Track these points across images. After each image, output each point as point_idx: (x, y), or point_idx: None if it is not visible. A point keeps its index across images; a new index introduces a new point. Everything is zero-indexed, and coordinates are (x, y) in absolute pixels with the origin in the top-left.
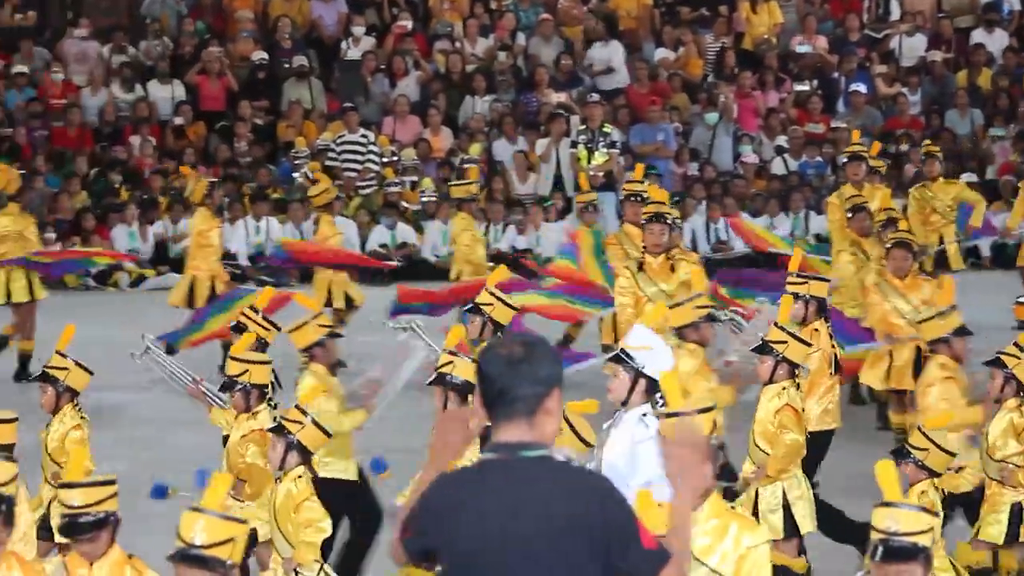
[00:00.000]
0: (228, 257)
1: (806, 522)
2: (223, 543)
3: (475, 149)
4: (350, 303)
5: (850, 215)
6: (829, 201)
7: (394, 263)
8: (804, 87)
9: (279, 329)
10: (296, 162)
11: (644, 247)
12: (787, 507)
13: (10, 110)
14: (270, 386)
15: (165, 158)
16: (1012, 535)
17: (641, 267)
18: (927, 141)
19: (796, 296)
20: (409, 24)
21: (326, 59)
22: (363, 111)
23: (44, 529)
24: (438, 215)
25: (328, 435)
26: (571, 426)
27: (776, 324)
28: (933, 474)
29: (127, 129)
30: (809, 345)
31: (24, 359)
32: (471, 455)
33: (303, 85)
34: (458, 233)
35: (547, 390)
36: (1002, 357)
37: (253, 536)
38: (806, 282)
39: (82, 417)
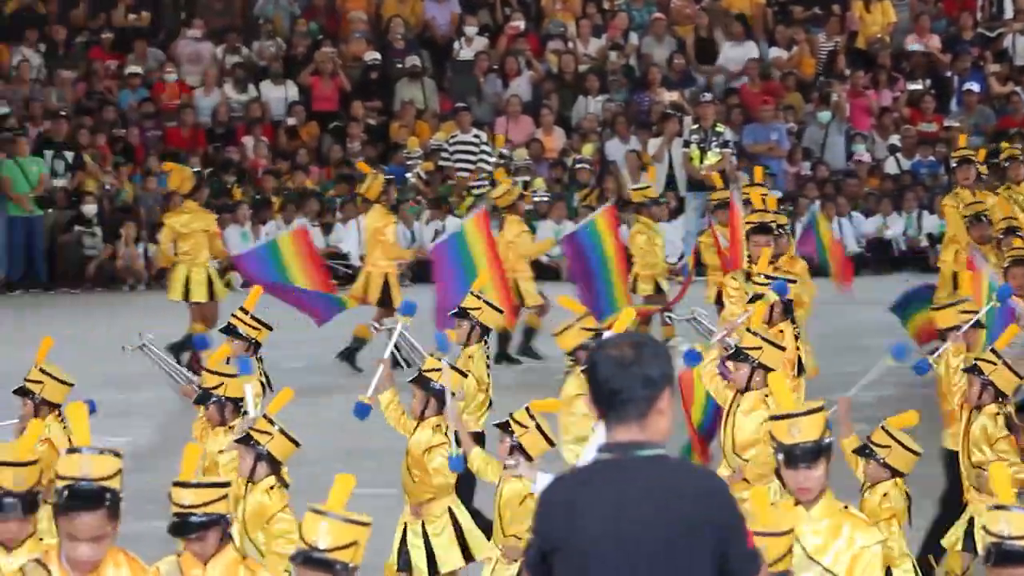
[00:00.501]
0: (340, 257)
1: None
2: (346, 546)
3: (587, 149)
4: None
5: (970, 223)
6: (944, 203)
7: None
8: (917, 86)
9: (271, 329)
10: (408, 162)
11: (749, 257)
12: None
13: (124, 110)
14: (262, 387)
15: (278, 159)
16: (971, 545)
17: (748, 276)
18: (1004, 143)
19: (760, 297)
20: (522, 24)
21: (439, 59)
22: (476, 111)
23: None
24: (550, 215)
25: (297, 444)
26: (537, 425)
27: (749, 329)
28: (896, 473)
29: (240, 129)
30: (783, 349)
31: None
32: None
33: (416, 85)
34: (634, 235)
35: (659, 391)
36: (979, 364)
37: None
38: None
39: (65, 430)
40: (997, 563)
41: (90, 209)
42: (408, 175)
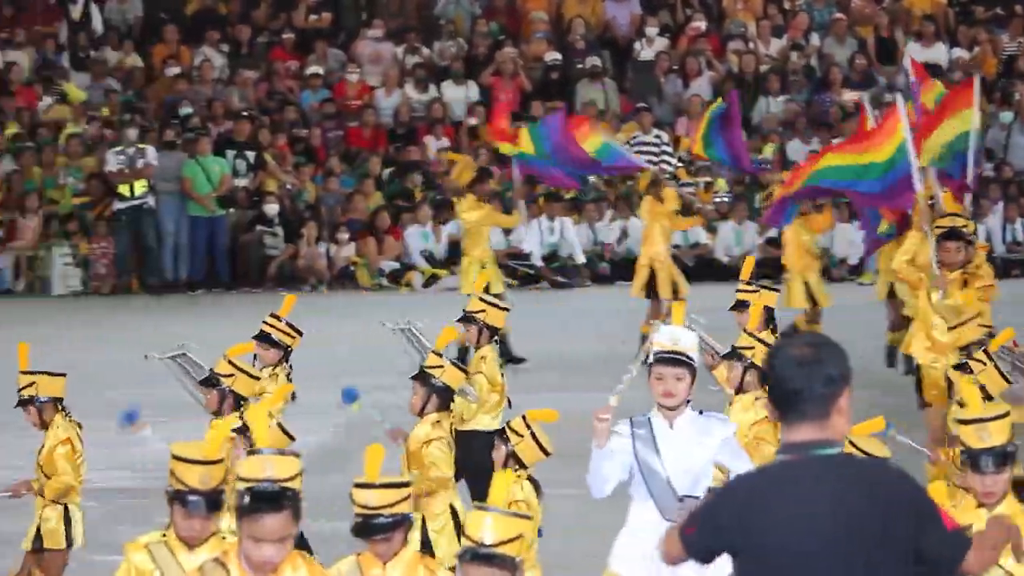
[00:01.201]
0: (522, 257)
1: None
2: (512, 540)
3: (768, 149)
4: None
5: None
6: None
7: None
8: None
9: (301, 334)
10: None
11: (939, 261)
12: None
13: (305, 111)
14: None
15: None
16: None
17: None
18: None
19: (748, 305)
20: (703, 24)
21: (619, 60)
22: (656, 111)
23: (35, 539)
24: (731, 216)
25: (292, 438)
26: (532, 434)
27: (745, 330)
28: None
29: (421, 129)
30: None
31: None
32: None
33: (596, 86)
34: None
35: (839, 389)
36: (969, 363)
37: None
38: (757, 291)
39: (72, 422)
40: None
41: (271, 209)
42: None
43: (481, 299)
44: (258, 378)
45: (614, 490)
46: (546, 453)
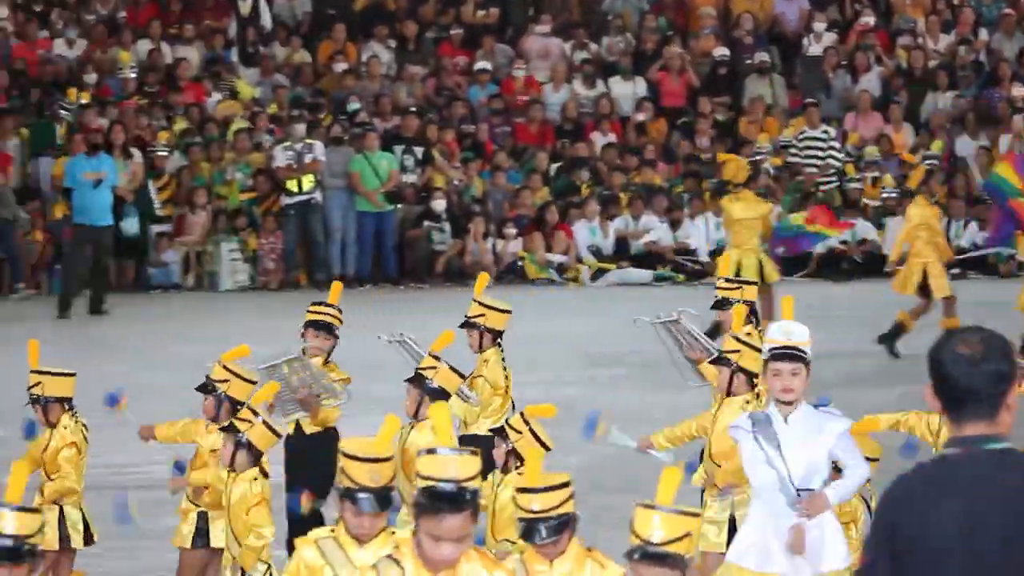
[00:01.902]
0: (688, 253)
1: None
2: (680, 538)
3: (937, 145)
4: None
5: None
6: None
7: None
8: None
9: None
10: (757, 158)
11: None
12: (732, 521)
13: (473, 106)
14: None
15: (626, 154)
16: None
17: None
18: None
19: (729, 303)
20: (871, 20)
21: (788, 55)
22: (824, 107)
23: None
24: (899, 211)
25: (278, 435)
26: (531, 429)
27: (731, 334)
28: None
29: (588, 125)
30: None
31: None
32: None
33: (764, 81)
34: None
35: (1008, 386)
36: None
37: None
38: (739, 287)
39: (79, 423)
40: None
41: (439, 204)
42: None
43: (480, 303)
44: (254, 382)
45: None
46: (546, 448)
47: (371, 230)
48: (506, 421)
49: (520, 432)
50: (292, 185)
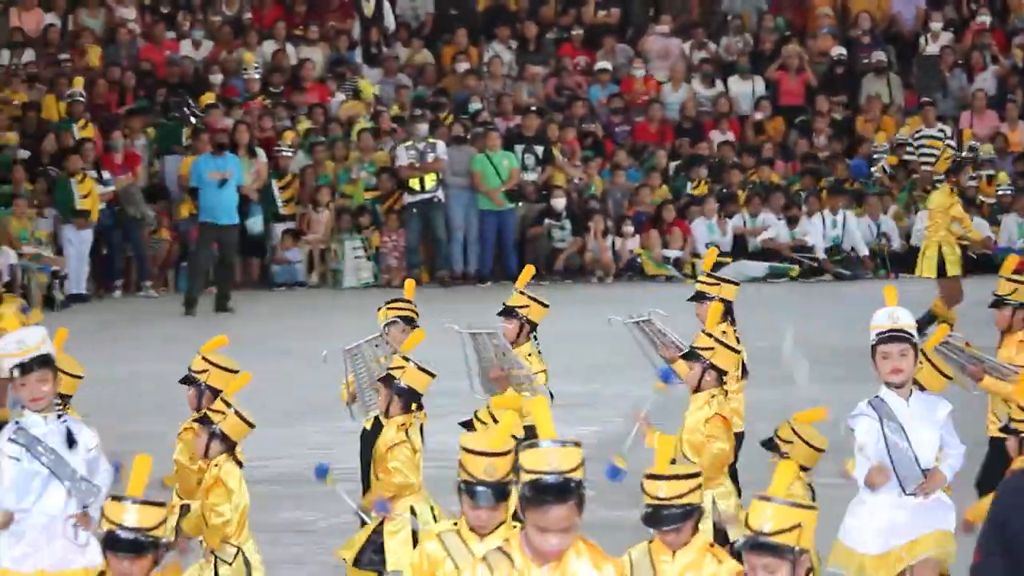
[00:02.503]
0: (805, 250)
1: (734, 530)
2: (791, 529)
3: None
4: None
5: None
6: None
7: None
8: None
9: (547, 306)
10: (874, 156)
11: None
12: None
13: (593, 106)
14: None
15: (744, 153)
16: None
17: None
18: None
19: (706, 297)
20: (987, 19)
21: (904, 54)
22: (940, 106)
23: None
24: (1013, 208)
25: (251, 425)
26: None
27: (703, 331)
28: (801, 468)
29: (707, 124)
30: (738, 352)
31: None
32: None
33: (881, 80)
34: None
35: None
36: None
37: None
38: (718, 283)
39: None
40: None
41: (559, 203)
42: (873, 169)
43: (523, 293)
44: (236, 371)
45: None
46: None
47: (492, 228)
48: (475, 413)
49: (485, 424)
50: (415, 183)
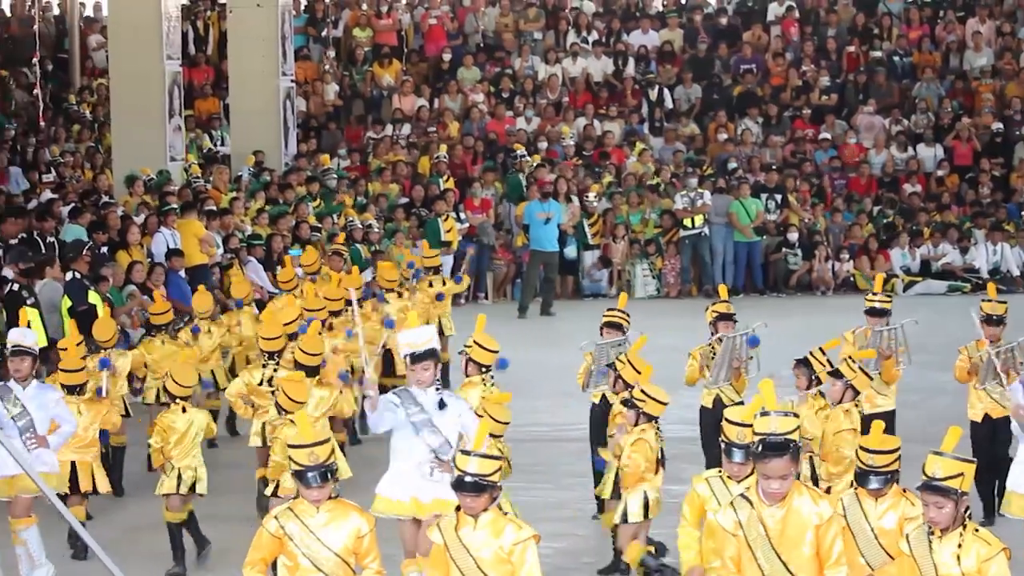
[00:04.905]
0: (973, 272)
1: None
2: (955, 476)
3: None
4: None
5: None
6: None
7: None
8: None
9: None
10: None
11: None
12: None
13: (818, 165)
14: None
15: (928, 200)
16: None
17: None
18: None
19: (878, 312)
20: None
21: None
22: None
23: None
24: None
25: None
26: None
27: (847, 359)
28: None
29: (901, 179)
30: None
31: None
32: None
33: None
34: None
35: None
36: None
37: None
38: (888, 299)
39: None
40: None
41: (793, 236)
42: (1023, 213)
43: (625, 313)
44: (496, 350)
45: None
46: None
47: (744, 254)
48: None
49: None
50: (688, 222)
